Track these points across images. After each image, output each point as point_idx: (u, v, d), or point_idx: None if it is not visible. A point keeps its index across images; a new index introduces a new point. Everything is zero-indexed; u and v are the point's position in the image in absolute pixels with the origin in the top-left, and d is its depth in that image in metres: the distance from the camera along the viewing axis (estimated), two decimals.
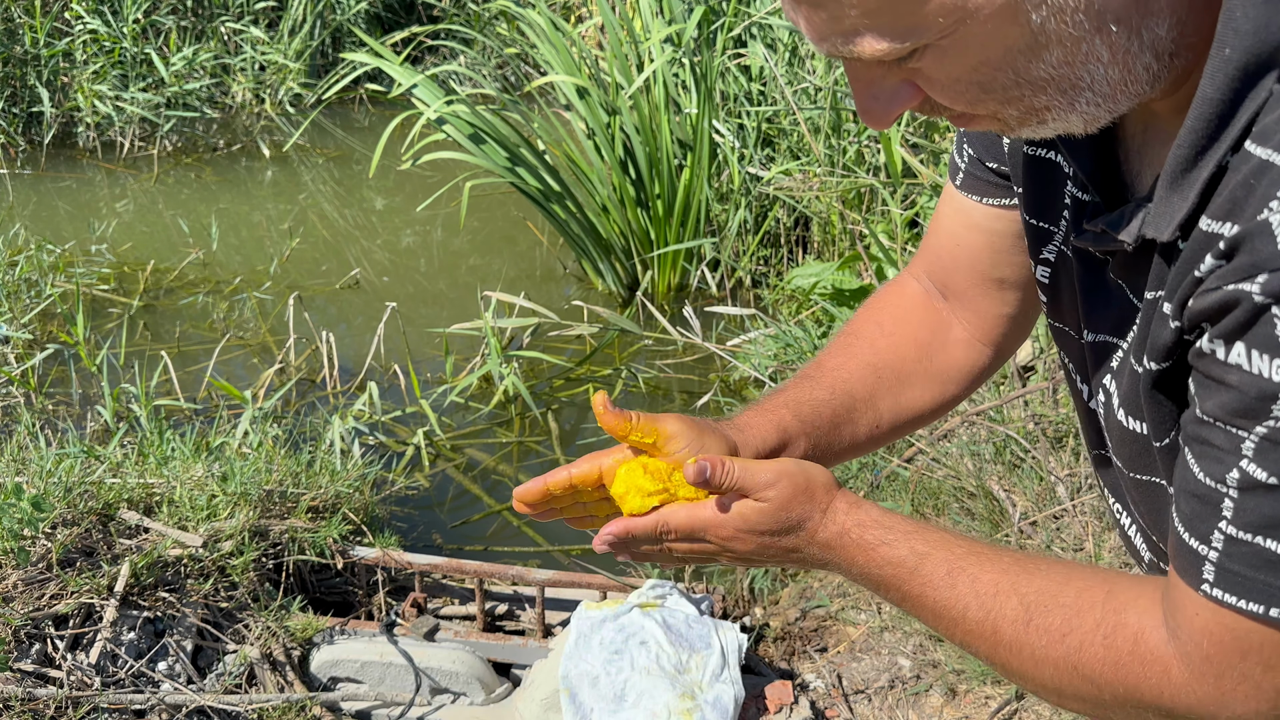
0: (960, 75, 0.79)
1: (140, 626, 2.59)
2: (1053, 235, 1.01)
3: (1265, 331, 0.72)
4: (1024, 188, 1.04)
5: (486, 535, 3.58)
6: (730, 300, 4.74)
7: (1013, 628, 0.90)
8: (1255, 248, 0.72)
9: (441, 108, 4.70)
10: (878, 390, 1.21)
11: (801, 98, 4.66)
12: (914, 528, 0.98)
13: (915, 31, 0.76)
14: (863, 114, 0.84)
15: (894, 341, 1.23)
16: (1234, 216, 0.74)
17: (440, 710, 2.72)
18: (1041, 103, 0.80)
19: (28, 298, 4.62)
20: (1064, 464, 3.04)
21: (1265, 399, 0.73)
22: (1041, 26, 0.75)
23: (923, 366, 1.22)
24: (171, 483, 2.87)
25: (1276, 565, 0.76)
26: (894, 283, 1.29)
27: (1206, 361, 0.77)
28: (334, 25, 7.50)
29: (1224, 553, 0.78)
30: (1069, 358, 1.06)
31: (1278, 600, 0.76)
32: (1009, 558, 0.94)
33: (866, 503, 1.01)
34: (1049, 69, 0.78)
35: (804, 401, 1.18)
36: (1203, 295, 0.76)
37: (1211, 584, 0.79)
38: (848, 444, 1.20)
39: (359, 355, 4.42)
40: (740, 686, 2.59)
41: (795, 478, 1.00)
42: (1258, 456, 0.75)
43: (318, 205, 6.04)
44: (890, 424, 1.22)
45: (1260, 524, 0.76)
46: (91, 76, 6.51)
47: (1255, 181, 0.73)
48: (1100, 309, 0.95)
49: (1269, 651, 0.78)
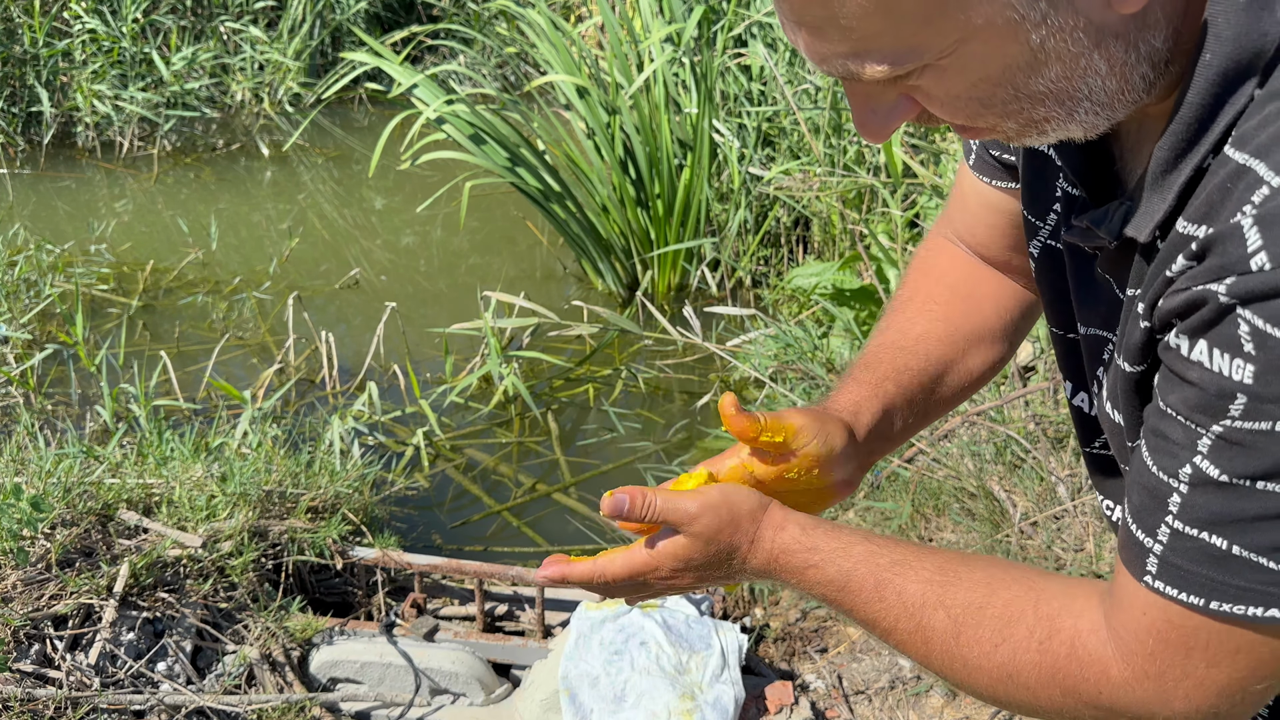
0: (960, 92, 0.79)
1: (139, 627, 2.59)
2: (1039, 229, 1.02)
3: (1229, 331, 0.72)
4: (1022, 180, 1.05)
5: (486, 535, 3.58)
6: (730, 300, 4.74)
7: (943, 641, 0.91)
8: (1226, 250, 0.73)
9: (441, 107, 4.69)
10: (968, 351, 1.22)
11: (802, 98, 4.66)
12: (839, 545, 0.97)
13: (915, 54, 0.76)
14: (860, 128, 0.84)
15: (974, 304, 1.23)
16: (1209, 219, 0.75)
17: (440, 711, 2.71)
18: (1040, 115, 0.81)
19: (27, 298, 4.61)
20: (1065, 464, 3.04)
21: (1224, 397, 0.74)
22: (1041, 45, 0.75)
23: (1002, 325, 1.24)
24: (171, 483, 2.86)
25: (1220, 561, 0.77)
26: (939, 248, 1.29)
27: (1171, 356, 0.78)
28: (333, 25, 7.50)
29: (1168, 546, 0.79)
30: (1058, 354, 1.07)
31: (1219, 594, 0.77)
32: (932, 566, 0.94)
33: (791, 523, 0.99)
34: (1048, 83, 0.78)
35: (902, 371, 1.18)
36: (1172, 295, 0.77)
37: (1154, 576, 0.80)
38: (940, 402, 1.21)
39: (358, 355, 4.42)
40: (740, 687, 2.59)
41: (719, 509, 0.98)
42: (1212, 453, 0.76)
43: (317, 205, 6.04)
44: (979, 378, 1.23)
45: (1206, 520, 0.77)
46: (91, 76, 6.50)
47: (1231, 185, 0.74)
48: (1091, 303, 0.96)
49: (1213, 648, 0.79)
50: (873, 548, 0.96)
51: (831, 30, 0.76)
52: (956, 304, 1.23)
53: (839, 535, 0.98)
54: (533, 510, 3.69)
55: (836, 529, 0.99)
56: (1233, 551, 0.76)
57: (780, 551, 0.98)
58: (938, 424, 3.31)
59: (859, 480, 1.13)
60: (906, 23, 0.74)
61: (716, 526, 0.98)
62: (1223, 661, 0.80)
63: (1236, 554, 0.76)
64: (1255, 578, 0.76)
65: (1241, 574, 0.76)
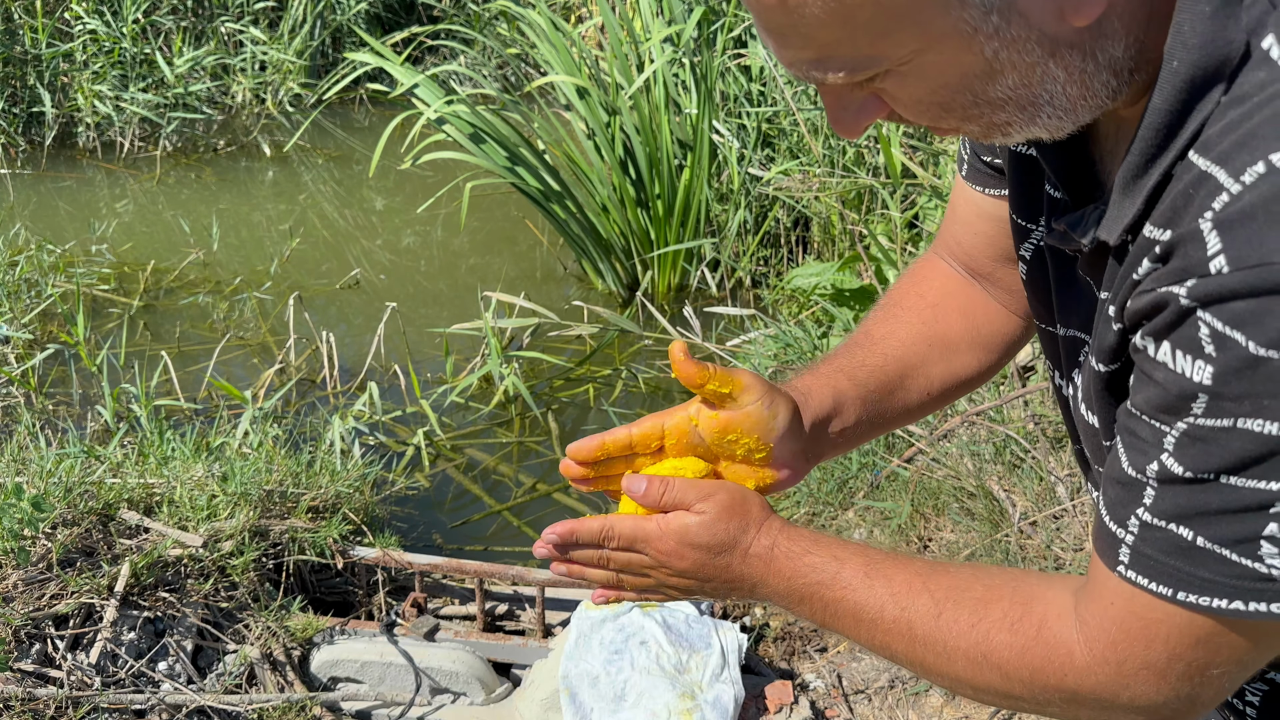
0: (921, 97, 0.82)
1: (140, 626, 2.59)
2: (1030, 233, 1.04)
3: (1189, 333, 0.75)
4: (1009, 184, 1.06)
5: (487, 535, 3.58)
6: (730, 300, 4.74)
7: (924, 622, 0.94)
8: (1187, 253, 0.75)
9: (442, 108, 4.70)
10: (929, 357, 1.23)
11: (801, 98, 4.66)
12: (837, 541, 1.02)
13: (874, 61, 0.79)
14: (833, 124, 0.87)
15: (940, 312, 1.25)
16: (1172, 224, 0.78)
17: (440, 710, 2.72)
18: (1002, 119, 0.83)
19: (28, 298, 4.62)
20: (1064, 464, 3.04)
21: (1185, 397, 0.76)
22: (995, 55, 0.78)
23: (969, 335, 1.25)
24: (172, 483, 2.87)
25: (1186, 552, 0.79)
26: (925, 261, 1.31)
27: (1140, 357, 0.81)
28: (334, 25, 7.50)
29: (1139, 537, 0.82)
30: (1047, 354, 1.08)
31: (1185, 585, 0.80)
32: (922, 560, 0.99)
33: (791, 527, 1.04)
34: (1006, 90, 0.80)
35: (858, 366, 1.20)
36: (1138, 296, 0.80)
37: (1126, 565, 0.83)
38: (900, 409, 1.22)
39: (359, 355, 4.42)
40: (740, 686, 2.59)
41: (733, 493, 1.03)
42: (1176, 451, 0.78)
43: (318, 205, 6.04)
44: (941, 390, 1.24)
45: (1174, 513, 0.79)
46: (91, 77, 6.51)
47: (1194, 191, 0.76)
48: (1071, 304, 0.98)
49: (1174, 639, 0.82)
50: (868, 546, 1.01)
51: (794, 37, 0.79)
52: (925, 311, 1.25)
53: (834, 538, 1.03)
54: (533, 510, 3.69)
55: (833, 536, 1.03)
56: (1198, 543, 0.79)
57: (784, 539, 1.02)
58: (938, 424, 3.32)
59: (804, 472, 1.14)
60: (863, 33, 0.77)
61: (728, 506, 1.02)
62: (1183, 652, 0.82)
63: (1201, 545, 0.79)
64: (1219, 569, 0.78)
65: (1206, 565, 0.79)
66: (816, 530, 1.04)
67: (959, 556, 2.93)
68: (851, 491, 3.29)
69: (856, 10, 0.75)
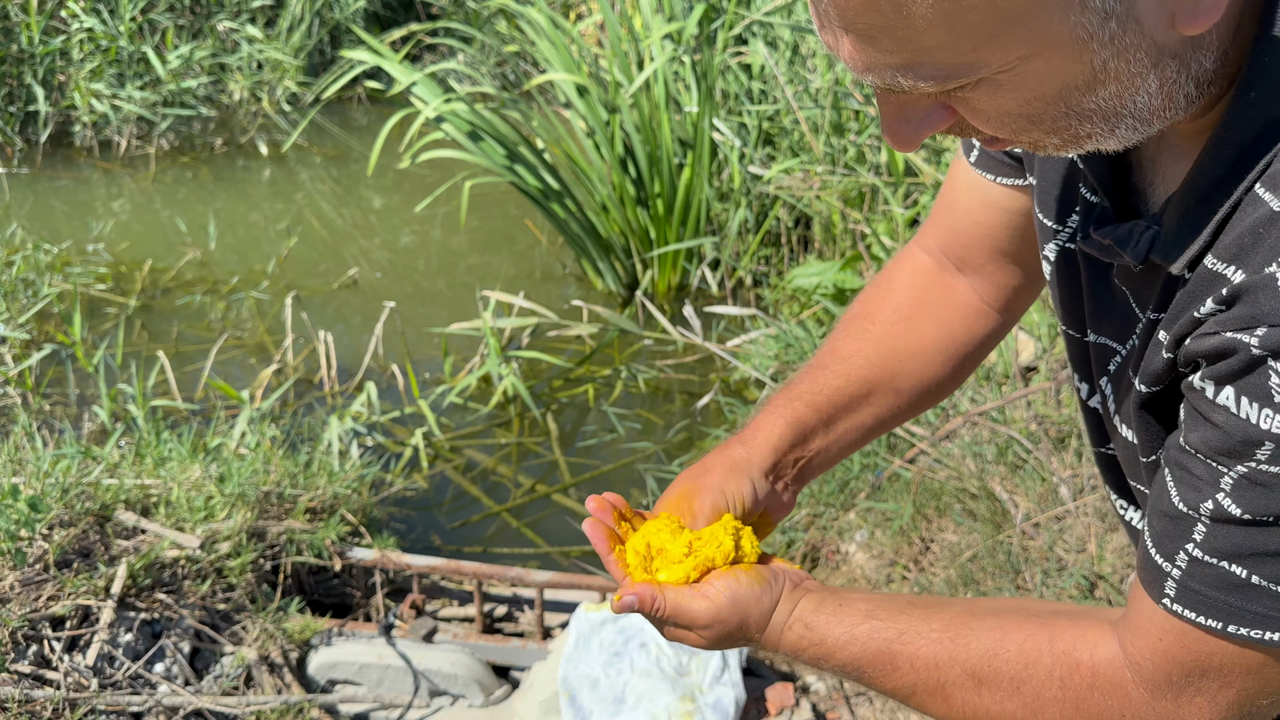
0: (1010, 109, 0.77)
1: (137, 628, 2.58)
2: (1057, 233, 1.01)
3: (1259, 381, 0.74)
4: (1036, 182, 1.03)
5: (485, 537, 3.56)
6: (731, 300, 4.73)
7: (963, 694, 0.93)
8: (1257, 300, 0.74)
9: (440, 106, 4.68)
10: (899, 372, 1.20)
11: (802, 96, 4.65)
12: (844, 632, 0.98)
13: (970, 69, 0.74)
14: (889, 136, 0.81)
15: (912, 324, 1.22)
16: (1239, 262, 0.76)
17: (439, 713, 2.70)
18: (1085, 131, 0.79)
19: (24, 298, 4.60)
20: (1067, 465, 3.03)
21: (1249, 444, 0.76)
22: (1104, 65, 0.74)
23: (943, 345, 1.22)
24: (169, 483, 2.85)
25: (1239, 588, 0.80)
26: (904, 256, 1.27)
27: (1196, 396, 0.80)
28: (332, 23, 7.49)
29: (1186, 572, 0.82)
30: (1073, 360, 1.06)
31: (1236, 618, 0.81)
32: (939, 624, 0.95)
33: (797, 622, 1.00)
34: (1100, 101, 0.77)
35: (818, 391, 1.18)
36: (1200, 338, 0.78)
37: (1172, 599, 0.83)
38: (872, 424, 1.20)
39: (357, 355, 4.41)
40: (741, 689, 2.58)
41: (727, 620, 1.00)
42: (1234, 493, 0.78)
43: (315, 204, 6.02)
44: (911, 401, 1.22)
45: (1227, 551, 0.80)
46: (88, 75, 6.49)
47: (1265, 231, 0.75)
48: (1104, 312, 0.96)
49: (1226, 668, 0.83)
50: (877, 624, 0.97)
51: (885, 39, 0.72)
52: (896, 325, 1.22)
53: (842, 619, 0.99)
54: (532, 511, 3.68)
55: (839, 610, 0.99)
56: (1252, 581, 0.80)
57: (790, 649, 1.01)
58: (939, 425, 3.30)
59: (790, 503, 1.15)
60: (969, 37, 0.71)
61: (724, 633, 1.01)
62: (1235, 681, 0.83)
63: (1255, 583, 0.79)
64: (1272, 605, 0.79)
65: (1260, 601, 0.80)
66: (811, 623, 1.00)
67: (961, 558, 2.92)
68: (853, 493, 3.28)
69: (969, 11, 0.69)
